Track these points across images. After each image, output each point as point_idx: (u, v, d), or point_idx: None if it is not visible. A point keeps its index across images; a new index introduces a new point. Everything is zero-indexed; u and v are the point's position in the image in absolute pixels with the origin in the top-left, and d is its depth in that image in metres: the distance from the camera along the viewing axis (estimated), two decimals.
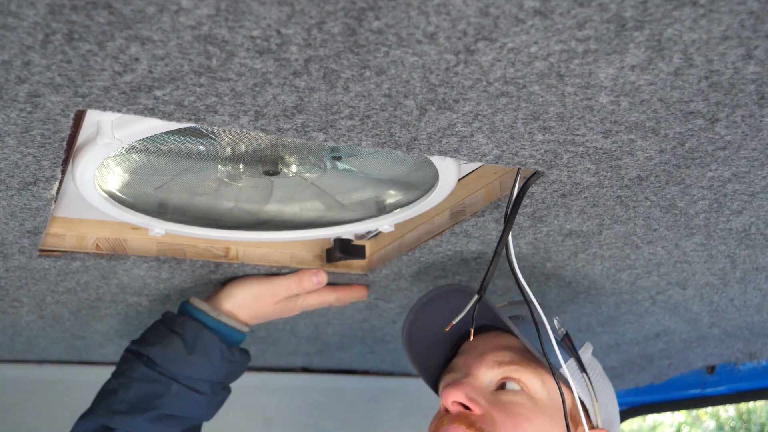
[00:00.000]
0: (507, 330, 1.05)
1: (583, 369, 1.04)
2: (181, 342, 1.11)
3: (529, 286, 0.97)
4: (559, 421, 1.02)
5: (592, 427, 1.04)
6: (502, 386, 1.04)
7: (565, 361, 1.03)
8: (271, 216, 1.11)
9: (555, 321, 1.08)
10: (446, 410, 1.03)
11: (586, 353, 1.09)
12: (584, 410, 1.05)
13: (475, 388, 1.02)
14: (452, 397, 1.01)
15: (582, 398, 1.04)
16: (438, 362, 1.14)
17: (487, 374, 1.04)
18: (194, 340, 1.12)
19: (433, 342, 1.13)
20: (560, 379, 1.00)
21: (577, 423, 1.04)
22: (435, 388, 1.16)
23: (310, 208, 1.10)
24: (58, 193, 0.88)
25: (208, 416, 1.18)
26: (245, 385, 1.86)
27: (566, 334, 1.06)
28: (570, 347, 1.05)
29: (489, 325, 1.11)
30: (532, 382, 1.03)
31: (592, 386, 1.04)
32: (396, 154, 0.92)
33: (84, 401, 1.10)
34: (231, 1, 0.55)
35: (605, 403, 1.08)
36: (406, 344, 1.13)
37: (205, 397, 1.14)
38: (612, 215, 0.98)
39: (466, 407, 1.01)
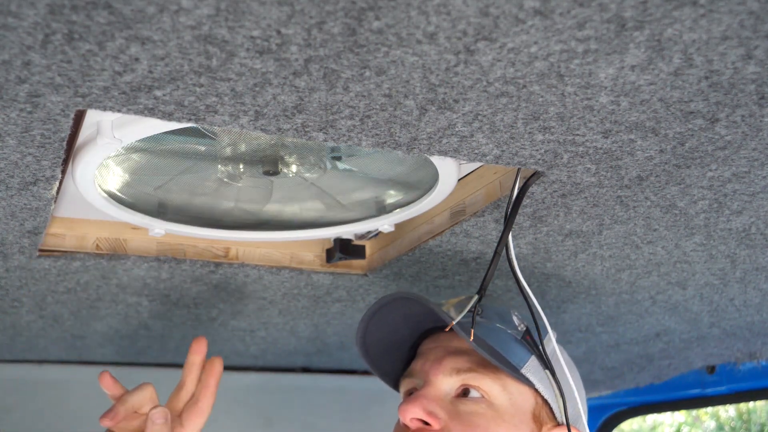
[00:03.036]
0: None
1: (546, 365, 1.00)
2: None
3: (529, 286, 0.97)
4: (522, 427, 1.00)
5: (556, 425, 1.02)
6: (462, 393, 1.01)
7: (527, 360, 1.01)
8: (271, 216, 1.11)
9: (514, 317, 1.05)
10: (405, 425, 1.00)
11: (549, 345, 1.05)
12: (549, 407, 1.02)
13: (433, 399, 1.00)
14: (410, 414, 0.98)
15: (546, 397, 1.01)
16: (397, 365, 1.12)
17: (446, 382, 1.01)
18: None
19: (390, 345, 1.10)
20: (522, 382, 0.99)
21: (542, 423, 1.02)
22: (397, 389, 1.14)
23: (310, 208, 1.10)
24: (58, 193, 0.88)
25: None
26: (245, 385, 1.87)
27: (527, 330, 1.03)
28: (531, 343, 1.02)
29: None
30: (492, 388, 1.00)
31: (555, 382, 1.00)
32: (396, 154, 0.92)
33: (84, 401, 1.09)
34: (231, 1, 0.55)
35: (571, 395, 1.04)
36: (362, 351, 1.10)
37: None
38: (612, 215, 0.98)
39: (426, 422, 0.99)
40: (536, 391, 1.02)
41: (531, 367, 1.01)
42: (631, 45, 0.62)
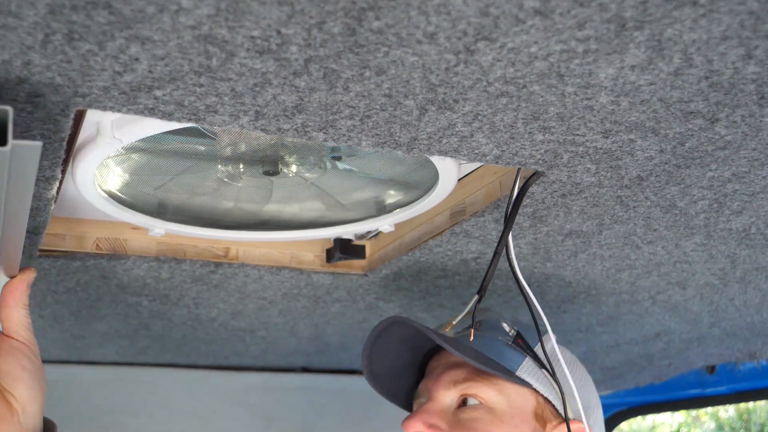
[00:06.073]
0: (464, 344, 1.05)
1: (542, 365, 1.04)
2: None
3: (529, 286, 0.97)
4: (523, 426, 1.03)
5: (562, 421, 1.04)
6: (462, 402, 1.04)
7: (521, 362, 1.04)
8: (271, 216, 1.11)
9: (504, 324, 1.08)
10: None
11: (547, 345, 1.07)
12: (553, 405, 1.05)
13: (435, 413, 1.03)
14: (412, 428, 1.02)
15: (546, 395, 1.04)
16: (408, 387, 1.15)
17: (446, 395, 1.05)
18: None
19: (397, 370, 1.13)
20: (519, 384, 1.01)
21: (546, 421, 1.04)
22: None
23: (310, 208, 1.10)
24: (58, 193, 0.88)
25: None
26: (245, 384, 1.87)
27: (518, 334, 1.06)
28: (524, 347, 1.05)
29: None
30: (488, 393, 1.03)
31: (555, 380, 1.03)
32: (396, 154, 0.92)
33: (84, 401, 1.09)
34: (231, 1, 0.55)
35: (572, 392, 1.06)
36: (370, 380, 1.13)
37: None
38: (612, 215, 0.98)
39: None
40: (536, 391, 1.04)
41: (526, 369, 1.04)
42: (631, 45, 0.62)
